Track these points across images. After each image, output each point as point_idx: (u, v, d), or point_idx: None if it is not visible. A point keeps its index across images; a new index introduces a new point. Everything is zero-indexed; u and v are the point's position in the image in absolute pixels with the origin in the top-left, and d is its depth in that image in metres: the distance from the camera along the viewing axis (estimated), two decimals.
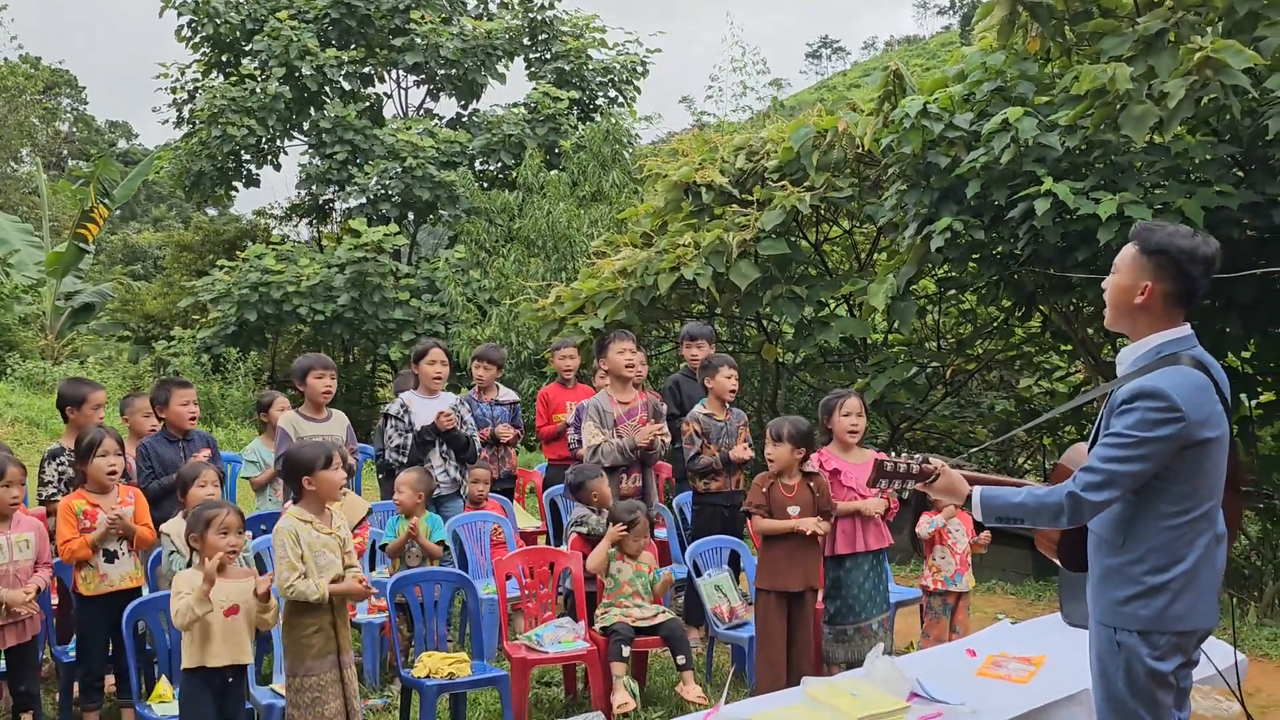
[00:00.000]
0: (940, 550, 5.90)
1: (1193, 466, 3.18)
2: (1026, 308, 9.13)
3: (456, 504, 6.94)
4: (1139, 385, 3.19)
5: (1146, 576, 3.22)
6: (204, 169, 18.69)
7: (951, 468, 3.60)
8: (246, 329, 16.82)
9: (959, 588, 5.86)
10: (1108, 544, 3.32)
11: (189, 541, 4.65)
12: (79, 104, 50.41)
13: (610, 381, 6.75)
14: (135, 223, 41.83)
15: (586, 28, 19.17)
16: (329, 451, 4.72)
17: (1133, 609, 3.23)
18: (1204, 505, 3.21)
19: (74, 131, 47.60)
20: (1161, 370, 3.22)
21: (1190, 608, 3.21)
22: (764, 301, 9.46)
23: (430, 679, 5.10)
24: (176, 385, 6.43)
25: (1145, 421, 3.15)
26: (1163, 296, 3.26)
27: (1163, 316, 3.29)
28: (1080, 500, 3.22)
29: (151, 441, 6.26)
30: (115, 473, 5.35)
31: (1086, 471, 3.23)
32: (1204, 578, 3.22)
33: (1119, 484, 3.18)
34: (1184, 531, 3.20)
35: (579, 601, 5.76)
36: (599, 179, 14.29)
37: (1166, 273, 3.24)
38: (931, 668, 4.11)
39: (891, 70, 8.50)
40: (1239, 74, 6.60)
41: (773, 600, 5.46)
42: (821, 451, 5.75)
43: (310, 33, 17.96)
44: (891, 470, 3.61)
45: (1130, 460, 3.16)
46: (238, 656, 4.56)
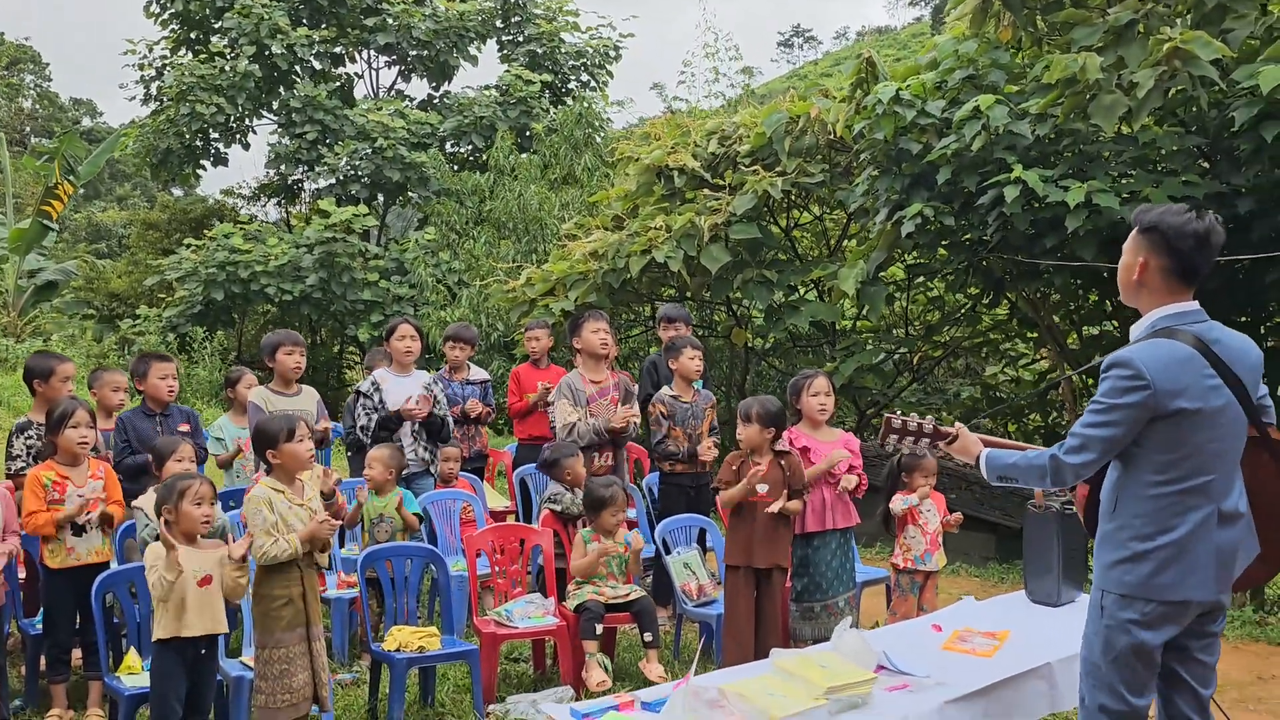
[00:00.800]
0: (911, 529, 5.96)
1: (1170, 437, 3.26)
2: (994, 294, 9.21)
3: (427, 482, 6.94)
4: (1113, 355, 3.33)
5: (1131, 542, 3.32)
6: (171, 147, 18.52)
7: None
8: (213, 308, 16.71)
9: (928, 567, 5.92)
10: (1104, 510, 3.45)
11: (161, 513, 4.63)
12: (43, 80, 49.76)
13: (583, 360, 6.77)
14: (100, 201, 41.33)
15: (560, 11, 19.12)
16: (293, 424, 4.71)
17: (1117, 573, 3.34)
18: (1197, 478, 3.28)
19: (37, 109, 46.99)
20: (1145, 342, 3.32)
21: (1179, 578, 3.28)
22: (734, 285, 9.50)
23: (400, 652, 5.11)
24: (155, 358, 6.39)
25: (1114, 389, 3.28)
26: (1159, 271, 3.38)
27: (1163, 291, 3.40)
28: (1060, 462, 3.38)
29: (130, 415, 6.22)
30: (87, 444, 5.32)
31: (1070, 436, 3.38)
32: (1198, 552, 3.29)
33: (1092, 448, 3.32)
34: (1172, 501, 3.29)
35: (549, 578, 5.79)
36: (571, 162, 14.29)
37: (1159, 248, 3.36)
38: (897, 641, 4.17)
39: (864, 57, 8.55)
40: (1207, 65, 6.68)
41: (741, 577, 5.51)
42: (791, 430, 5.80)
43: (281, 11, 17.82)
44: (901, 427, 3.76)
45: (1102, 425, 3.30)
46: (212, 627, 4.54)
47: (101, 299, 20.89)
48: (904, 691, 3.75)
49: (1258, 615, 7.14)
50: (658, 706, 3.55)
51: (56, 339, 18.61)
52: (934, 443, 3.84)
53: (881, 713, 3.58)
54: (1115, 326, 9.00)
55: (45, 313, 20.99)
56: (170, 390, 6.30)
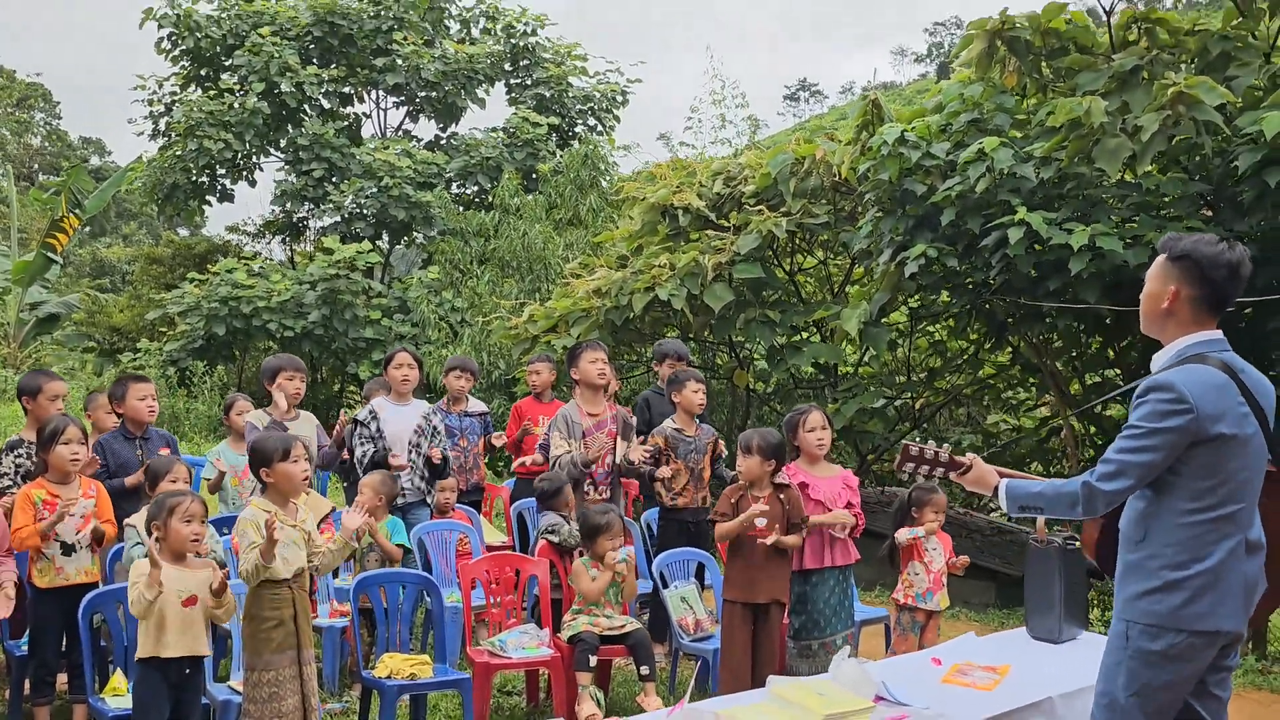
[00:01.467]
0: (916, 565, 5.90)
1: (1209, 462, 3.22)
2: (997, 338, 9.19)
3: (423, 513, 6.88)
4: (1152, 379, 3.29)
5: (1164, 571, 3.25)
6: (178, 182, 18.60)
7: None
8: (214, 343, 16.68)
9: (930, 605, 5.84)
10: (1129, 540, 3.38)
11: (150, 529, 4.58)
12: (53, 118, 50.12)
13: (581, 392, 6.74)
14: (106, 238, 41.51)
15: (568, 55, 19.27)
16: (289, 443, 4.67)
17: (1147, 603, 3.27)
18: (1228, 506, 3.24)
19: (46, 146, 47.31)
20: (1181, 367, 3.29)
21: (1213, 608, 3.22)
22: (737, 325, 9.48)
23: (391, 679, 5.03)
24: (133, 380, 6.33)
25: (1154, 413, 3.22)
26: (1189, 301, 3.34)
27: (1191, 321, 3.37)
28: (1094, 489, 3.30)
29: (108, 438, 6.16)
30: (78, 461, 5.27)
31: (1102, 463, 3.31)
32: (1230, 580, 3.24)
33: (1130, 474, 3.25)
34: (1206, 529, 3.23)
35: (544, 609, 5.72)
36: (576, 203, 14.32)
37: (1192, 277, 3.33)
38: (896, 673, 4.10)
39: (870, 99, 8.58)
40: (1211, 110, 6.71)
41: (738, 611, 5.44)
42: (789, 466, 5.75)
43: (292, 50, 17.97)
44: (918, 455, 3.73)
45: (1140, 450, 3.24)
46: (194, 648, 4.49)
47: (102, 332, 20.90)
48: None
49: (1260, 664, 7.04)
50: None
51: (56, 371, 18.59)
52: (948, 472, 3.79)
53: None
54: (1118, 373, 8.97)
55: (46, 345, 21.02)
56: (150, 411, 6.23)
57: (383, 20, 18.46)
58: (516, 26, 19.32)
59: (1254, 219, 7.20)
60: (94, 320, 21.23)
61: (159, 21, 18.54)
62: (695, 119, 20.24)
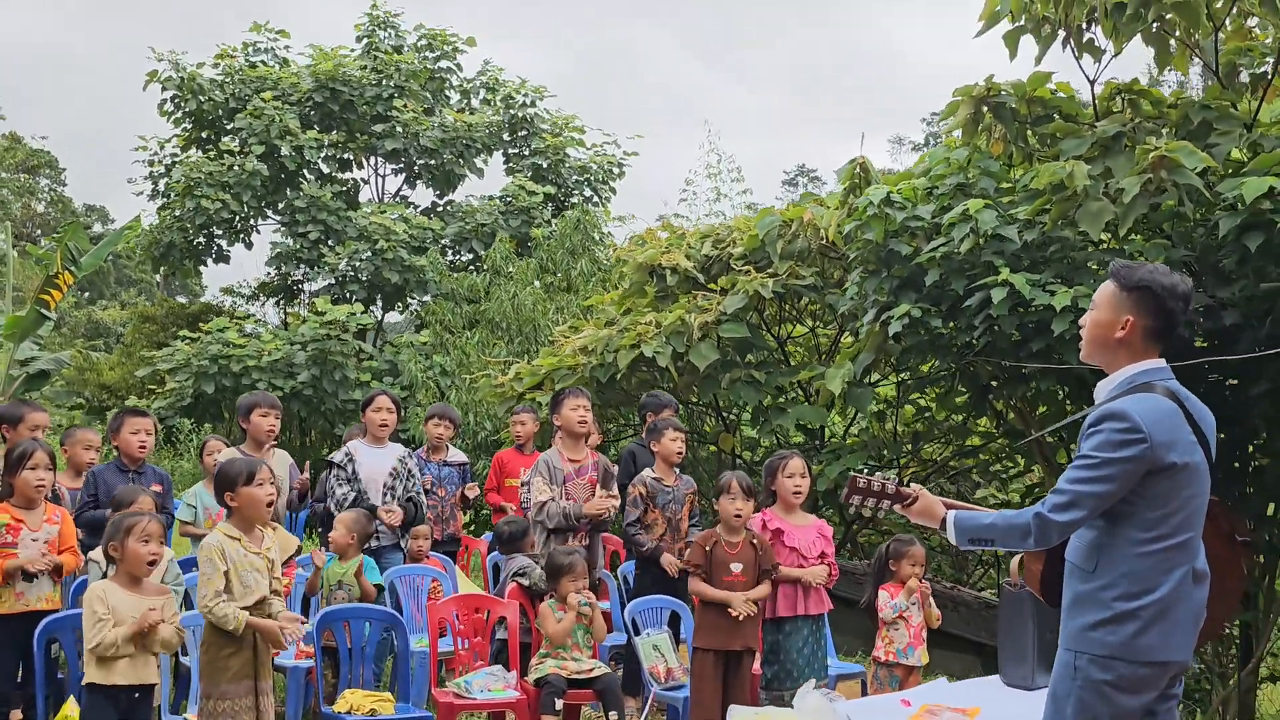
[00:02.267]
0: (895, 622, 5.82)
1: (1161, 492, 3.19)
2: (980, 402, 9.17)
3: (396, 557, 6.81)
4: (1105, 408, 3.26)
5: (1116, 602, 3.21)
6: (174, 241, 18.69)
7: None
8: (202, 401, 16.62)
9: (910, 661, 5.75)
10: (1080, 570, 3.32)
11: (107, 551, 4.52)
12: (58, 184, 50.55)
13: (562, 439, 6.69)
14: (103, 301, 41.69)
15: (566, 126, 19.50)
16: (254, 467, 4.64)
17: (1099, 634, 3.22)
18: (1179, 535, 3.21)
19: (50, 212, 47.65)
20: (1130, 395, 3.26)
21: (1164, 639, 3.18)
22: (722, 384, 9.46)
23: (351, 714, 4.92)
24: (131, 414, 6.34)
25: (1109, 443, 3.19)
26: (1143, 331, 3.35)
27: (1141, 350, 3.37)
28: (1046, 520, 3.25)
29: (101, 469, 6.15)
30: (44, 487, 5.23)
31: (1055, 493, 3.28)
32: (1179, 610, 3.21)
33: (1084, 505, 3.21)
34: (1158, 560, 3.20)
35: (512, 651, 5.62)
36: (567, 267, 14.39)
37: (1148, 308, 3.33)
38: (864, 712, 4.02)
39: (858, 162, 8.67)
40: (1191, 175, 6.77)
41: (710, 660, 5.37)
42: (765, 512, 5.72)
43: (293, 114, 18.17)
44: (865, 487, 3.67)
45: (1094, 481, 3.20)
46: (143, 676, 4.41)
47: (92, 389, 20.84)
48: None
49: None
50: None
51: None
52: (894, 504, 3.73)
53: None
54: None
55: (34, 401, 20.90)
56: (142, 446, 6.21)
57: (384, 88, 18.70)
58: (516, 97, 19.57)
59: (1236, 286, 7.23)
60: (84, 378, 21.18)
61: (163, 84, 18.78)
62: (690, 191, 20.39)
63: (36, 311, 19.94)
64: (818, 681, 5.53)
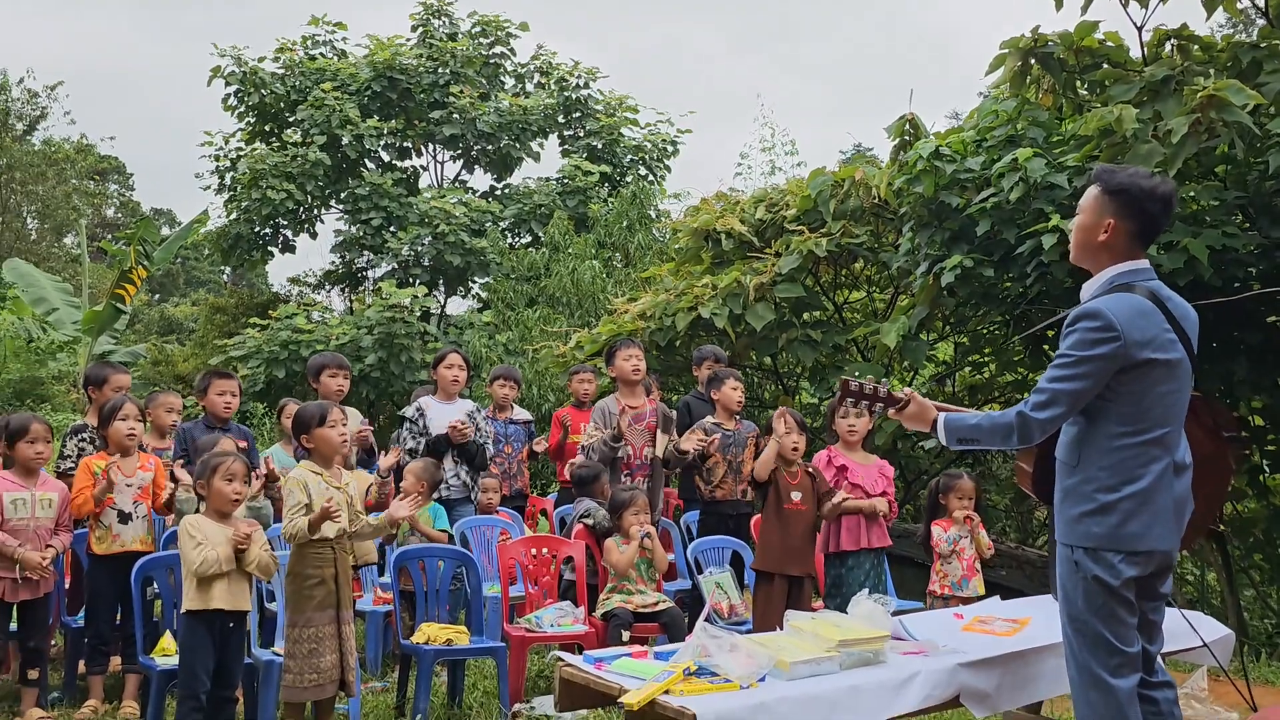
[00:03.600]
0: (949, 555, 5.95)
1: (1137, 388, 3.32)
2: (1036, 355, 9.22)
3: (467, 509, 7.04)
4: (1080, 308, 3.40)
5: (1098, 494, 3.34)
6: (242, 233, 19.16)
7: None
8: (274, 386, 17.05)
9: (966, 593, 5.88)
10: (1065, 465, 3.46)
11: (196, 489, 4.80)
12: (125, 189, 51.72)
13: (619, 387, 6.90)
14: (175, 298, 42.72)
15: (620, 106, 19.69)
16: (326, 410, 4.90)
17: (1085, 526, 3.36)
18: (1157, 429, 3.33)
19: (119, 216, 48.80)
20: (1107, 295, 3.40)
21: (1145, 528, 3.31)
22: (779, 344, 9.60)
23: (428, 645, 5.16)
24: (218, 375, 6.64)
25: (1083, 341, 3.33)
26: (1124, 233, 3.47)
27: (1123, 252, 3.49)
28: (1027, 419, 3.41)
29: (190, 426, 6.45)
30: (135, 436, 5.53)
31: (1035, 392, 3.43)
32: (1160, 501, 3.33)
33: (1061, 402, 3.35)
34: (1135, 452, 3.32)
35: (580, 589, 5.84)
36: (625, 240, 14.59)
37: (1128, 210, 3.46)
38: (917, 622, 4.17)
39: (907, 118, 8.75)
40: (1241, 112, 6.79)
41: (773, 585, 5.53)
42: (830, 449, 5.88)
43: (353, 104, 18.55)
44: (858, 390, 3.83)
45: (1070, 379, 3.34)
46: (238, 603, 4.67)
47: (168, 381, 21.44)
48: (919, 656, 3.75)
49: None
50: (669, 657, 3.58)
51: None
52: (887, 408, 3.87)
53: (894, 669, 3.59)
54: None
55: None
56: (227, 406, 6.50)
57: (440, 75, 19.02)
58: (569, 80, 19.80)
59: None
60: (159, 370, 21.80)
61: (226, 79, 19.25)
62: (745, 165, 20.47)
63: (112, 307, 20.60)
64: None
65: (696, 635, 3.45)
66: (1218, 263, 7.24)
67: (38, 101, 34.82)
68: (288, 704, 4.76)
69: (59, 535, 5.36)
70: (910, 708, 3.50)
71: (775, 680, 3.39)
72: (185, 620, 4.60)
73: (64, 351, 21.16)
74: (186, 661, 4.58)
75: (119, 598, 5.41)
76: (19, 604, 5.21)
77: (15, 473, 5.31)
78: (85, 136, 37.23)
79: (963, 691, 3.64)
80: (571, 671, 3.53)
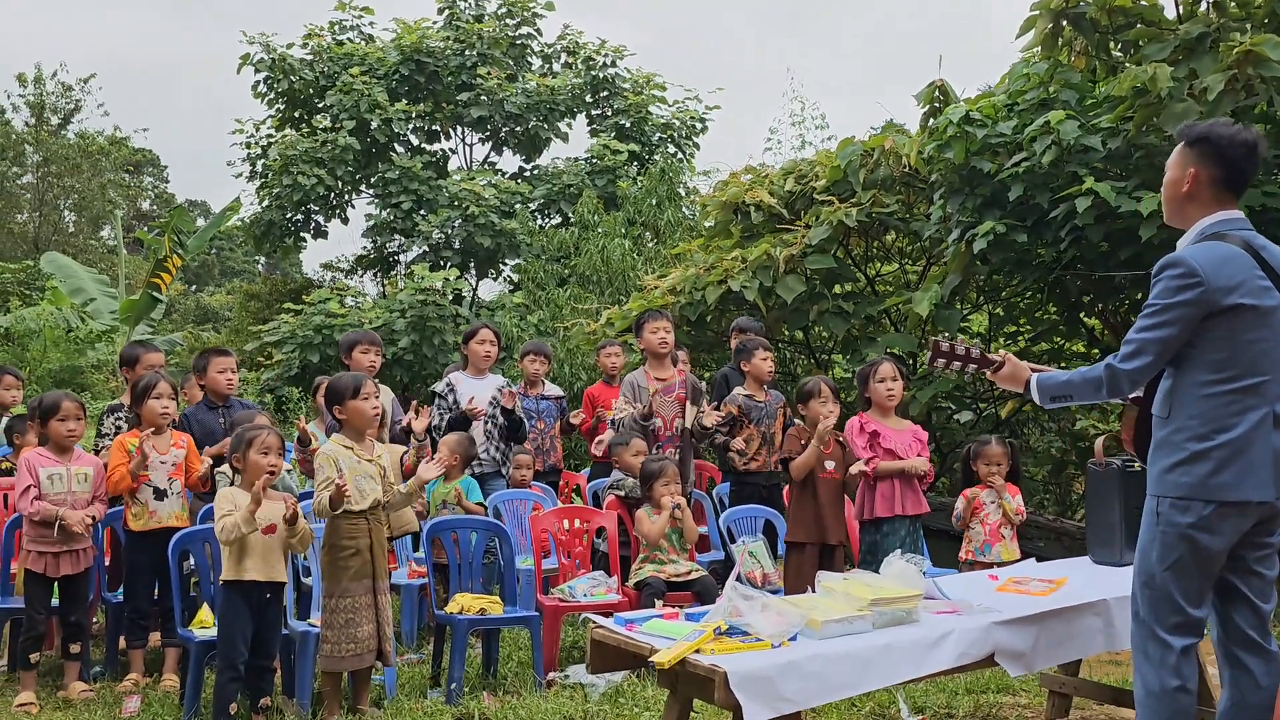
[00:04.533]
0: (974, 522, 5.92)
1: (1224, 334, 3.27)
2: (1072, 321, 9.12)
3: (498, 483, 7.06)
4: (1165, 258, 3.35)
5: (1189, 443, 3.30)
6: (274, 219, 19.27)
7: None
8: (309, 370, 17.15)
9: (989, 558, 5.84)
10: (1158, 418, 3.43)
11: (231, 463, 4.83)
12: (160, 182, 52.15)
13: (648, 360, 6.88)
14: (210, 288, 43.14)
15: (647, 84, 19.61)
16: (359, 381, 4.91)
17: (1174, 476, 3.31)
18: (1250, 378, 3.27)
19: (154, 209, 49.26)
20: (1193, 245, 3.35)
21: (1239, 479, 3.25)
22: (810, 316, 9.54)
23: (462, 614, 5.18)
24: (214, 353, 6.66)
25: (1167, 289, 3.30)
26: (1209, 182, 3.43)
27: (1211, 202, 3.45)
28: (1115, 370, 3.39)
29: (192, 410, 6.48)
30: (169, 414, 5.57)
31: (1124, 344, 3.40)
32: (1256, 451, 3.27)
33: (1148, 351, 3.32)
34: (1227, 401, 3.27)
35: (613, 559, 5.84)
36: (654, 217, 14.55)
37: (1210, 159, 3.42)
38: (952, 583, 4.14)
39: (936, 84, 8.66)
40: (1278, 66, 6.67)
41: (806, 554, 5.51)
42: (861, 415, 5.85)
43: (381, 88, 18.58)
44: (950, 351, 3.82)
45: (1156, 327, 3.31)
46: (273, 574, 4.71)
47: None
48: (953, 615, 3.71)
49: None
50: (699, 618, 3.57)
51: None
52: (981, 369, 3.86)
53: (927, 628, 3.56)
54: None
55: None
56: (229, 383, 6.51)
57: (467, 57, 19.00)
58: (596, 59, 19.74)
59: None
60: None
61: (255, 66, 19.32)
62: (775, 140, 20.36)
63: (149, 296, 20.77)
64: None
65: (727, 595, 3.43)
66: (1258, 223, 7.06)
67: (71, 95, 35.18)
68: (325, 674, 4.80)
69: (95, 505, 5.40)
70: (944, 666, 3.47)
71: (807, 639, 3.37)
72: (222, 591, 4.64)
73: (102, 340, 21.38)
74: (225, 631, 4.63)
75: (156, 573, 5.46)
76: (60, 580, 5.27)
77: (50, 449, 5.36)
78: (119, 129, 37.44)
79: (998, 650, 3.61)
80: (603, 633, 3.53)
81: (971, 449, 6.01)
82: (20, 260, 27.22)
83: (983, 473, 5.92)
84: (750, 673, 3.10)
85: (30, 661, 5.19)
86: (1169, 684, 3.28)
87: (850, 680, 3.30)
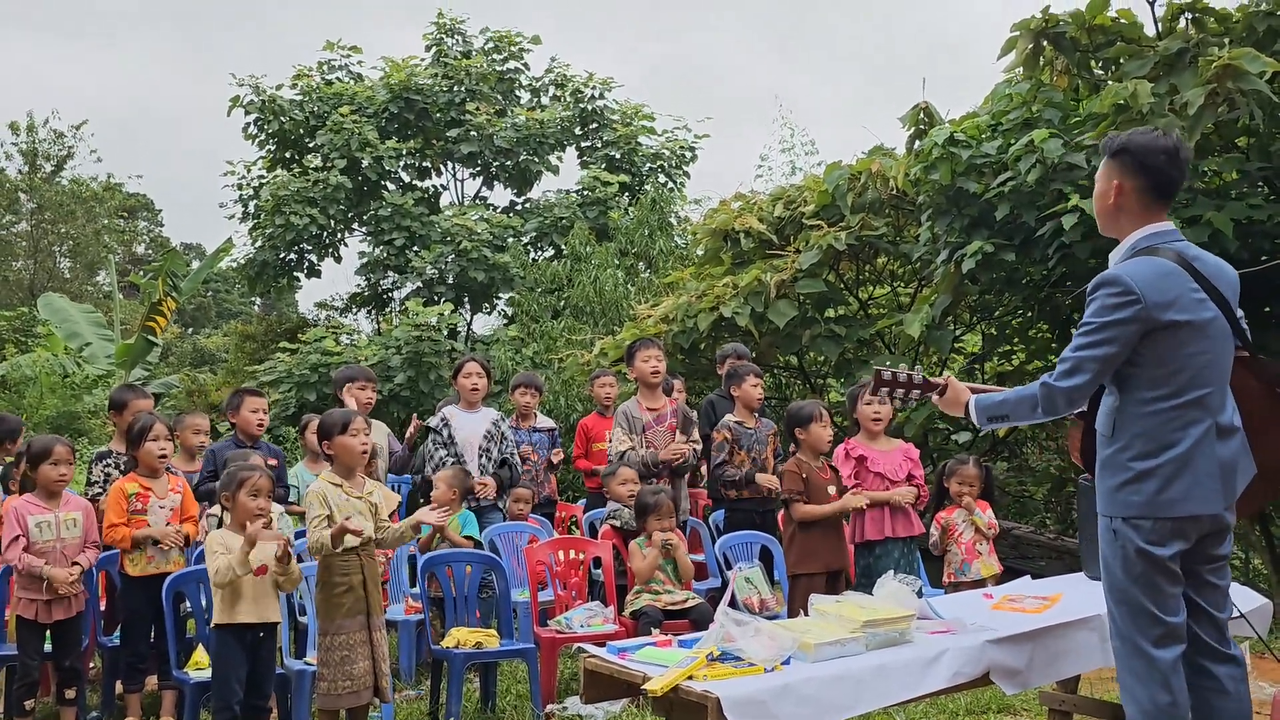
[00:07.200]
0: (949, 544, 5.94)
1: (1164, 350, 3.26)
2: (1064, 339, 9.13)
3: (495, 517, 7.05)
4: (1100, 275, 3.36)
5: (1134, 463, 3.29)
6: (267, 260, 19.30)
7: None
8: (306, 409, 17.13)
9: (970, 576, 5.85)
10: (1102, 436, 3.41)
11: (221, 502, 4.83)
12: (155, 226, 52.28)
13: (640, 389, 6.89)
14: (206, 330, 43.15)
15: (636, 115, 19.70)
16: (349, 418, 4.91)
17: (1124, 496, 3.30)
18: (1192, 391, 3.27)
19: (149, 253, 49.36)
20: (1127, 261, 3.36)
21: (1185, 493, 3.25)
22: (803, 340, 9.55)
23: (459, 649, 5.16)
24: (249, 393, 6.69)
25: (1104, 307, 3.30)
26: (1134, 193, 3.43)
27: (1140, 214, 3.44)
28: (1052, 389, 3.37)
29: (219, 446, 6.49)
30: (166, 456, 5.57)
31: (1059, 362, 3.39)
32: (1201, 465, 3.26)
33: (1085, 369, 3.31)
34: (1170, 417, 3.26)
35: (609, 589, 5.82)
36: (646, 246, 14.59)
37: (1131, 169, 3.43)
38: (946, 602, 4.13)
39: (920, 107, 8.71)
40: (1257, 80, 6.72)
41: (812, 584, 5.49)
42: (848, 441, 5.84)
43: (371, 126, 18.66)
44: (892, 379, 3.76)
45: (1093, 345, 3.30)
46: (266, 615, 4.70)
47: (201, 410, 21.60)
48: (947, 634, 3.70)
49: None
50: (692, 645, 3.56)
51: None
52: (924, 394, 3.84)
53: (921, 648, 3.55)
54: None
55: None
56: (259, 424, 6.55)
57: (455, 93, 19.10)
58: (584, 91, 19.84)
59: None
60: (192, 400, 21.97)
61: (245, 108, 19.40)
62: (765, 167, 20.43)
63: (144, 339, 20.79)
64: None
65: (719, 621, 3.43)
66: (1243, 235, 7.16)
67: (64, 141, 35.30)
68: (322, 711, 4.77)
69: (86, 553, 5.38)
70: (938, 685, 3.46)
71: (800, 663, 3.36)
72: (215, 633, 4.63)
73: (99, 385, 21.38)
74: (219, 673, 4.61)
75: (155, 617, 5.44)
76: (53, 625, 5.24)
77: (38, 495, 5.33)
78: (112, 176, 37.58)
79: (993, 668, 3.60)
80: (596, 662, 3.52)
81: (947, 466, 6.05)
82: (15, 308, 27.27)
83: (954, 490, 5.95)
84: (743, 697, 3.09)
85: (25, 709, 5.16)
86: (1160, 700, 3.26)
87: (844, 702, 3.29)
